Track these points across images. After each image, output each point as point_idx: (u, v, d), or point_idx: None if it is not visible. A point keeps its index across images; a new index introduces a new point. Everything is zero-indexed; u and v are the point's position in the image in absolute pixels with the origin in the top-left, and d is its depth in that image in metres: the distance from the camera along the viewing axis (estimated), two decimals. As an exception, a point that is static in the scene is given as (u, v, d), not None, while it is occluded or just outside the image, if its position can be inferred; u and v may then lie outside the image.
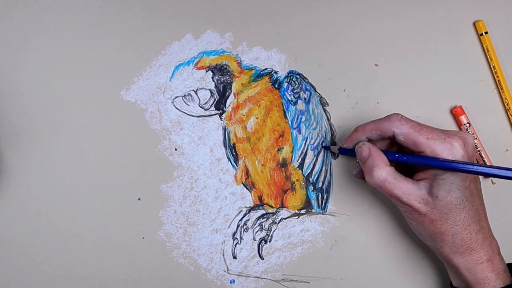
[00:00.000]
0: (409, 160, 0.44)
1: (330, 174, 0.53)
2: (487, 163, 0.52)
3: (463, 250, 0.44)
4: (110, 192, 0.52)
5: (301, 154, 0.53)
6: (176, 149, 0.53)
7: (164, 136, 0.53)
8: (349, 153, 0.48)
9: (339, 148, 0.50)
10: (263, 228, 0.53)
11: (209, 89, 0.53)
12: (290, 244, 0.53)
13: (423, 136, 0.43)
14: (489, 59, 0.53)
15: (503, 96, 0.53)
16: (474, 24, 0.53)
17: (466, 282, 0.46)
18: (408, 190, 0.44)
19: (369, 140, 0.47)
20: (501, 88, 0.53)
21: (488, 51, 0.53)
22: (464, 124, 0.52)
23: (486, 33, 0.53)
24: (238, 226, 0.53)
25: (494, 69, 0.53)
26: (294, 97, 0.53)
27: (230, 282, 0.53)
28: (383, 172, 0.44)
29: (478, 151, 0.52)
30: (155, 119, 0.53)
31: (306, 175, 0.53)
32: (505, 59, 0.53)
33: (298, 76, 0.53)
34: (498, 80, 0.53)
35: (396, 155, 0.45)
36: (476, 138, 0.52)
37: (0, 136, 0.52)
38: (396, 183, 0.44)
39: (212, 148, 0.53)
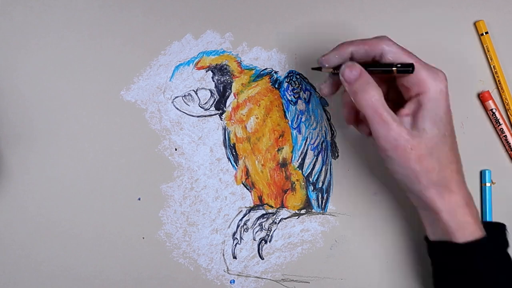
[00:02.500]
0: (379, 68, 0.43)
1: (330, 174, 0.53)
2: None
3: (446, 190, 0.43)
4: (110, 192, 0.52)
5: (301, 154, 0.53)
6: (176, 149, 0.53)
7: (164, 136, 0.53)
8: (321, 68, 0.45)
9: (320, 62, 0.45)
10: (263, 228, 0.53)
11: (209, 89, 0.53)
12: (290, 244, 0.53)
13: (411, 58, 0.42)
14: (489, 59, 0.53)
15: (503, 96, 0.53)
16: (474, 24, 0.53)
17: (446, 228, 0.43)
18: (394, 120, 0.41)
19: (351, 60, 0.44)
20: (501, 88, 0.53)
21: (488, 51, 0.53)
22: (490, 110, 0.53)
23: (486, 33, 0.53)
24: (238, 226, 0.53)
25: (494, 69, 0.53)
26: (294, 97, 0.53)
27: (230, 282, 0.53)
28: (374, 94, 0.41)
29: (505, 136, 0.53)
30: (155, 119, 0.53)
31: (306, 175, 0.53)
32: (505, 59, 0.53)
33: (298, 76, 0.53)
34: (499, 80, 0.53)
35: (372, 68, 0.43)
36: (500, 125, 0.53)
37: (0, 136, 0.52)
38: (385, 109, 0.41)
39: (212, 148, 0.53)
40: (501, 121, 0.52)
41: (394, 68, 0.42)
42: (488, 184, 0.52)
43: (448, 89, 0.43)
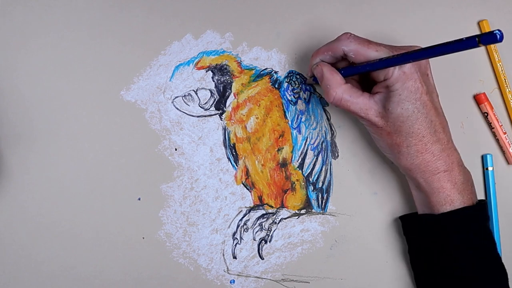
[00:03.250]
0: (354, 71, 0.45)
1: (330, 174, 0.53)
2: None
3: (419, 161, 0.45)
4: (110, 192, 0.52)
5: (301, 154, 0.53)
6: (176, 149, 0.53)
7: (164, 136, 0.53)
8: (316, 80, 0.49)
9: (313, 77, 0.49)
10: (263, 228, 0.53)
11: (209, 89, 0.53)
12: (290, 244, 0.53)
13: (371, 49, 0.44)
14: (491, 59, 0.53)
15: (505, 97, 0.53)
16: (478, 23, 0.53)
17: (423, 192, 0.47)
18: (365, 105, 0.45)
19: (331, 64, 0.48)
20: (503, 88, 0.53)
21: (491, 50, 0.53)
22: (484, 113, 0.53)
23: (488, 32, 0.53)
24: (238, 226, 0.53)
25: (497, 68, 0.53)
26: (294, 97, 0.53)
27: (230, 282, 0.53)
28: (337, 91, 0.45)
29: (497, 140, 0.53)
30: (155, 119, 0.53)
31: (306, 175, 0.53)
32: (507, 59, 0.53)
33: (298, 76, 0.53)
34: (504, 79, 0.53)
35: (344, 70, 0.46)
36: (494, 128, 0.53)
37: (0, 136, 0.52)
38: (351, 100, 0.45)
39: (212, 148, 0.53)
40: (493, 124, 0.52)
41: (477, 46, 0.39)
42: (490, 168, 0.52)
43: (419, 65, 0.44)
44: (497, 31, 0.35)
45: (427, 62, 0.46)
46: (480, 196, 0.52)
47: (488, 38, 0.36)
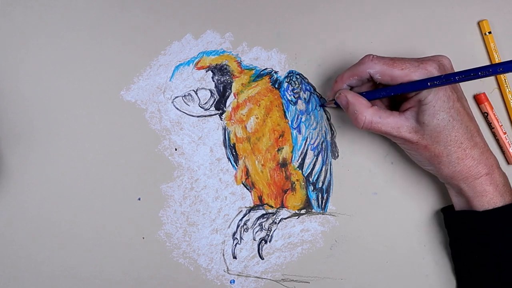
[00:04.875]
0: (384, 93, 0.45)
1: (330, 174, 0.53)
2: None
3: (461, 168, 0.46)
4: (110, 192, 0.52)
5: (301, 154, 0.53)
6: (176, 149, 0.53)
7: (164, 136, 0.52)
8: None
9: (334, 102, 0.49)
10: (263, 228, 0.53)
11: (209, 89, 0.53)
12: (290, 244, 0.53)
13: (397, 68, 0.44)
14: (491, 59, 0.53)
15: (506, 97, 0.53)
16: (478, 23, 0.53)
17: (466, 197, 0.47)
18: (396, 124, 0.45)
19: (352, 88, 0.48)
20: (503, 88, 0.53)
21: (491, 50, 0.53)
22: (484, 113, 0.53)
23: (490, 32, 0.53)
24: (238, 226, 0.53)
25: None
26: (294, 97, 0.53)
27: (230, 282, 0.53)
28: (366, 115, 0.45)
29: (497, 140, 0.53)
30: (155, 119, 0.53)
31: (306, 175, 0.53)
32: (507, 59, 0.53)
33: (298, 76, 0.53)
34: (504, 79, 0.53)
35: (375, 93, 0.46)
36: (493, 128, 0.53)
37: (0, 136, 0.52)
38: (382, 121, 0.45)
39: (212, 148, 0.53)
40: (493, 124, 0.52)
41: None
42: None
43: (446, 73, 0.44)
44: None
45: (453, 69, 0.46)
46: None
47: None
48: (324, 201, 0.53)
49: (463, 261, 0.49)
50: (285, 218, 0.53)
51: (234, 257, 0.53)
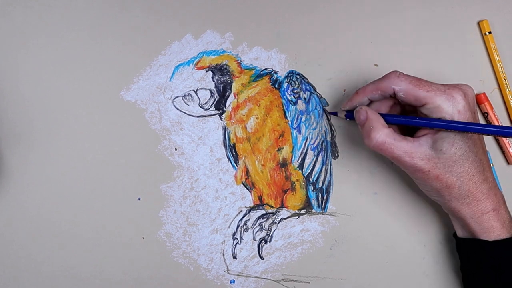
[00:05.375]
0: (405, 122, 0.45)
1: (330, 174, 0.53)
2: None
3: (470, 201, 0.45)
4: (110, 192, 0.52)
5: (301, 154, 0.53)
6: (176, 149, 0.53)
7: (164, 136, 0.52)
8: (353, 117, 0.48)
9: (346, 113, 0.49)
10: (263, 228, 0.53)
11: (209, 89, 0.53)
12: (290, 244, 0.53)
13: (423, 90, 0.43)
14: (492, 59, 0.53)
15: (506, 97, 0.53)
16: (478, 23, 0.53)
17: (472, 232, 0.46)
18: (410, 149, 0.44)
19: (370, 103, 0.47)
20: (503, 88, 0.53)
21: (491, 50, 0.53)
22: (484, 113, 0.53)
23: (490, 32, 0.53)
24: (238, 226, 0.53)
25: (497, 68, 0.53)
26: (294, 97, 0.53)
27: (230, 282, 0.53)
28: (381, 134, 0.44)
29: (497, 140, 0.53)
30: (155, 119, 0.53)
31: (306, 175, 0.53)
32: (507, 59, 0.53)
33: (298, 76, 0.53)
34: (504, 79, 0.53)
35: (394, 117, 0.45)
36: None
37: (0, 136, 0.52)
38: (395, 143, 0.44)
39: (212, 148, 0.53)
40: (493, 124, 0.52)
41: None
42: (490, 165, 0.52)
43: (470, 104, 0.44)
44: None
45: (474, 100, 0.45)
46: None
47: None
48: (324, 201, 0.53)
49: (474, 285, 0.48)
50: (285, 218, 0.53)
51: (234, 257, 0.53)
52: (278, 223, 0.53)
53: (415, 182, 0.47)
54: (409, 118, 0.45)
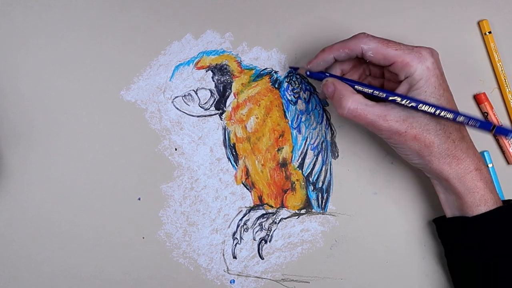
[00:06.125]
0: (373, 89, 0.44)
1: (330, 174, 0.53)
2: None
3: (451, 160, 0.44)
4: (110, 192, 0.52)
5: (301, 154, 0.53)
6: (176, 149, 0.53)
7: (164, 136, 0.53)
8: (316, 76, 0.47)
9: (307, 72, 0.48)
10: (263, 228, 0.53)
11: (209, 89, 0.53)
12: (290, 244, 0.53)
13: (391, 48, 0.43)
14: (492, 59, 0.53)
15: (506, 97, 0.53)
16: (478, 23, 0.53)
17: (456, 193, 0.45)
18: (383, 112, 0.43)
19: (335, 63, 0.47)
20: (503, 88, 0.53)
21: (491, 50, 0.53)
22: (484, 113, 0.53)
23: (490, 32, 0.53)
24: (238, 226, 0.53)
25: (497, 68, 0.53)
26: (294, 97, 0.53)
27: (230, 282, 0.53)
28: (352, 101, 0.44)
29: (497, 140, 0.52)
30: (155, 119, 0.53)
31: (306, 175, 0.53)
32: (507, 58, 0.53)
33: (298, 76, 0.53)
34: (504, 79, 0.53)
35: (362, 85, 0.45)
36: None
37: (0, 136, 0.52)
38: (368, 108, 0.44)
39: (212, 148, 0.53)
40: (493, 124, 0.52)
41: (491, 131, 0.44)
42: (490, 165, 0.52)
43: (438, 62, 0.44)
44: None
45: (439, 61, 0.45)
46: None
47: (501, 132, 0.41)
48: (324, 201, 0.53)
49: (459, 269, 0.48)
50: (285, 218, 0.53)
51: (234, 257, 0.53)
52: (278, 223, 0.53)
53: (393, 148, 0.47)
54: (378, 88, 0.45)
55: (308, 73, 0.48)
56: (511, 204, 0.46)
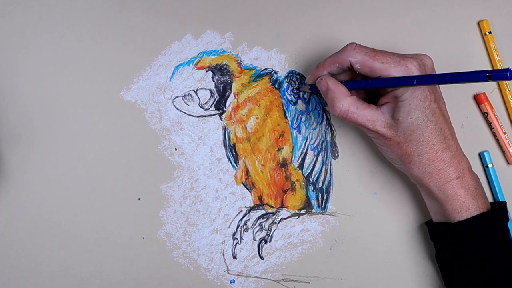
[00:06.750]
0: (364, 85, 0.45)
1: (330, 174, 0.53)
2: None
3: (431, 169, 0.45)
4: (110, 192, 0.52)
5: (301, 154, 0.53)
6: (176, 149, 0.53)
7: (164, 136, 0.53)
8: (317, 90, 0.48)
9: (310, 86, 0.49)
10: (263, 228, 0.53)
11: (209, 89, 0.53)
12: (290, 244, 0.53)
13: (377, 61, 0.43)
14: (492, 59, 0.53)
15: (506, 97, 0.53)
16: (478, 23, 0.53)
17: (438, 200, 0.46)
18: (372, 117, 0.45)
19: (332, 75, 0.47)
20: (503, 88, 0.53)
21: (491, 50, 0.53)
22: (484, 113, 0.53)
23: (490, 32, 0.53)
24: (238, 226, 0.53)
25: (497, 68, 0.53)
26: (294, 97, 0.53)
27: (230, 282, 0.53)
28: (344, 103, 0.45)
29: (497, 140, 0.53)
30: (155, 119, 0.53)
31: (306, 175, 0.53)
32: (507, 59, 0.53)
33: (298, 76, 0.53)
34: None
35: (347, 83, 0.46)
36: (493, 128, 0.53)
37: (0, 136, 0.52)
38: (358, 112, 0.45)
39: (212, 148, 0.53)
40: (493, 124, 0.52)
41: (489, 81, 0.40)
42: (490, 165, 0.52)
43: (427, 73, 0.44)
44: (509, 70, 0.37)
45: (434, 70, 0.45)
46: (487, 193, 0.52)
47: (499, 76, 0.37)
48: (324, 201, 0.53)
49: (447, 271, 0.49)
50: (285, 218, 0.53)
51: (234, 257, 0.53)
52: (278, 223, 0.53)
53: (379, 149, 0.48)
54: (367, 81, 0.45)
55: (310, 89, 0.50)
56: (493, 210, 0.47)
